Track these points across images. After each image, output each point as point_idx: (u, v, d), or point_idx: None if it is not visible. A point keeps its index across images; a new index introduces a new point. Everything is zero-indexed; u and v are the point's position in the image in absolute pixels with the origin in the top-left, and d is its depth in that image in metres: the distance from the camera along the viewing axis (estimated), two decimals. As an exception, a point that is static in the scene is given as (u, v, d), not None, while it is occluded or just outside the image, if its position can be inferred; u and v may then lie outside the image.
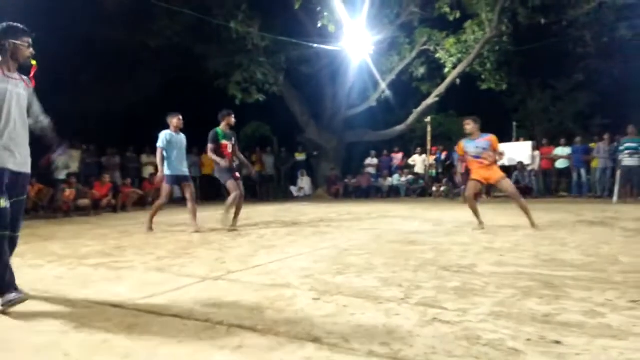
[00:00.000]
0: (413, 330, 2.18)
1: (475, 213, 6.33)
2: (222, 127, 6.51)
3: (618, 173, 11.42)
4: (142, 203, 11.68)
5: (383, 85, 15.83)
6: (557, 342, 1.99)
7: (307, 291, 2.94)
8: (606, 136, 12.57)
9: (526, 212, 6.08)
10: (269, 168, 15.51)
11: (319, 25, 12.53)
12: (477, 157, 6.22)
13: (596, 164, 12.82)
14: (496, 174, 6.18)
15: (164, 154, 6.36)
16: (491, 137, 6.24)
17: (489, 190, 13.32)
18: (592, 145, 13.21)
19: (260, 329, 2.24)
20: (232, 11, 12.88)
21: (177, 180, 6.48)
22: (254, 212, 9.39)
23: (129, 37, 13.49)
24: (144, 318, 2.46)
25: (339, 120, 16.39)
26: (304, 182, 16.35)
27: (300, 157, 16.92)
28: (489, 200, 12.79)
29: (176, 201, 13.55)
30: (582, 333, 2.09)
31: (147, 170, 13.01)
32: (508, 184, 6.23)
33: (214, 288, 3.09)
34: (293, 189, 16.36)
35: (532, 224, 6.02)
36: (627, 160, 11.23)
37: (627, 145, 11.31)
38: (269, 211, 9.48)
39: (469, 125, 6.28)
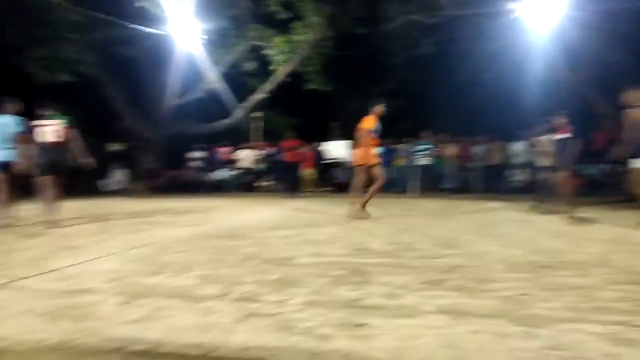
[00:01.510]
0: (230, 327, 2.12)
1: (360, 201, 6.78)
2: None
3: (414, 171, 13.27)
4: None
5: (212, 77, 15.46)
6: (362, 325, 2.14)
7: (115, 296, 2.65)
8: (408, 139, 14.43)
9: (369, 199, 6.81)
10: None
11: (139, 5, 11.59)
12: (378, 137, 6.78)
13: (400, 162, 14.62)
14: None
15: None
16: None
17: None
18: (397, 146, 14.99)
19: (52, 343, 1.92)
20: (38, -23, 11.10)
21: None
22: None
23: None
24: None
25: (163, 109, 15.45)
26: (120, 175, 14.99)
27: (116, 147, 15.48)
28: (312, 194, 13.51)
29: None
30: (384, 315, 2.29)
31: None
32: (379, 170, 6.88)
33: (-6, 299, 2.57)
34: (107, 182, 14.88)
35: (363, 211, 6.75)
36: (421, 160, 13.22)
37: (420, 147, 13.33)
38: (76, 207, 8.43)
39: None
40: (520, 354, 1.79)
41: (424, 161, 13.28)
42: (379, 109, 6.72)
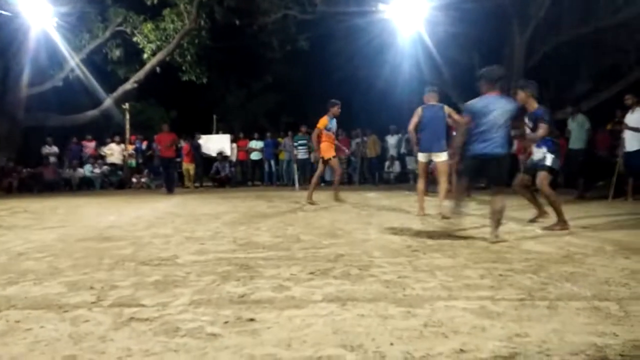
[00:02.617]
0: (106, 335, 1.94)
1: (314, 189, 7.84)
2: None
3: (295, 165, 13.53)
4: None
5: (72, 64, 13.98)
6: (252, 320, 2.10)
7: (-38, 311, 2.27)
8: (290, 133, 14.61)
9: (336, 189, 7.98)
10: None
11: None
12: (334, 133, 7.68)
13: (283, 156, 14.74)
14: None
15: None
16: None
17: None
18: (280, 139, 15.09)
19: None
20: None
21: None
22: None
23: None
24: None
25: (13, 99, 13.54)
26: (-37, 174, 12.93)
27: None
28: (194, 190, 13.01)
29: None
30: (273, 307, 2.28)
31: None
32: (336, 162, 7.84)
33: None
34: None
35: (337, 198, 7.87)
36: (300, 154, 13.49)
37: (300, 142, 13.58)
38: None
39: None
40: (401, 333, 1.90)
41: (302, 154, 13.59)
42: (334, 109, 7.56)
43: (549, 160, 4.75)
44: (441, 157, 5.87)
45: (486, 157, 3.97)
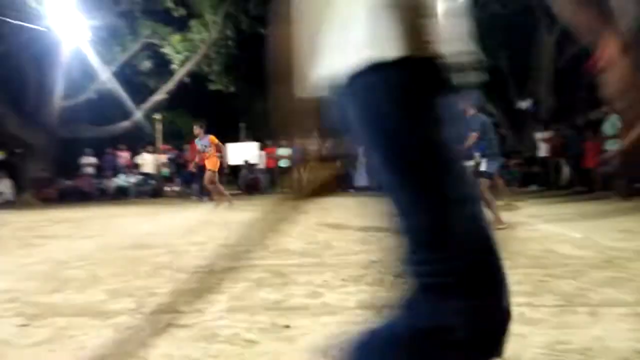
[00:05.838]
0: (147, 342, 1.99)
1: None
2: None
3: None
4: None
5: (104, 76, 14.42)
6: (287, 326, 2.12)
7: (12, 317, 2.38)
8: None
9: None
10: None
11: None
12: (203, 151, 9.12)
13: (312, 163, 14.84)
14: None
15: None
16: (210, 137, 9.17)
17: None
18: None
19: None
20: None
21: None
22: None
23: None
24: None
25: (49, 112, 14.00)
26: (3, 185, 13.45)
27: (-3, 156, 13.88)
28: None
29: None
30: (307, 314, 2.30)
31: None
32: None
33: None
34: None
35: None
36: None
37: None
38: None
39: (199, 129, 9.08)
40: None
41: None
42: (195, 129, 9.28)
43: (483, 166, 5.26)
44: None
45: None
